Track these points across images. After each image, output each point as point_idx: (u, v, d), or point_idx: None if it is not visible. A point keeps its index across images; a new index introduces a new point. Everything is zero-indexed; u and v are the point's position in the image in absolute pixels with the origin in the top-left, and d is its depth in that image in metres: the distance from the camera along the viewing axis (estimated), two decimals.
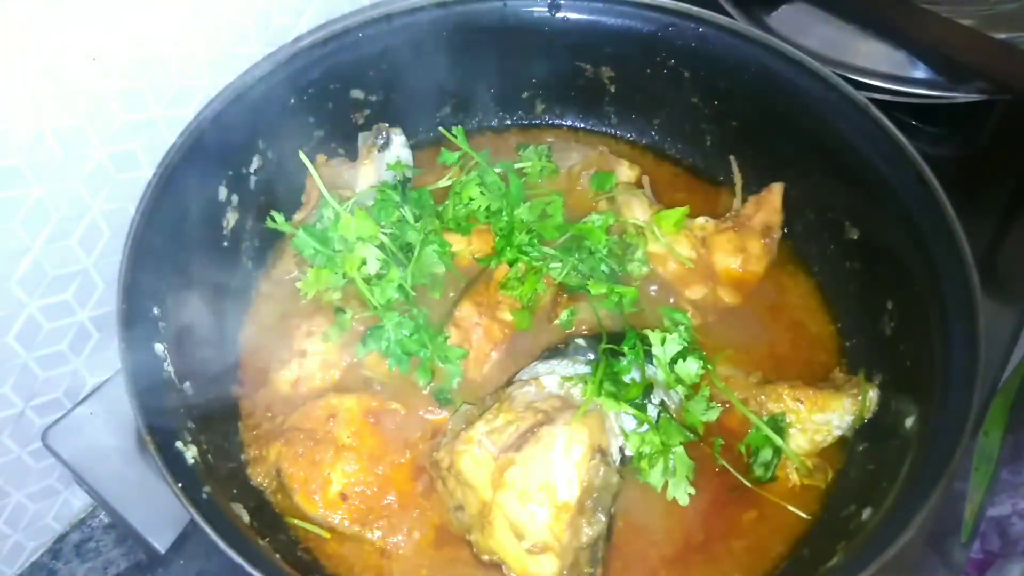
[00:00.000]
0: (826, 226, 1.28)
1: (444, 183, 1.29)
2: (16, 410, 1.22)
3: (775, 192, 1.32)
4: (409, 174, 1.29)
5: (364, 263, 1.15)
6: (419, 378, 1.14)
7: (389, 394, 1.14)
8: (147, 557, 1.21)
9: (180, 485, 0.91)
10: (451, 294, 1.23)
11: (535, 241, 1.23)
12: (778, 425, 1.08)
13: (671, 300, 1.25)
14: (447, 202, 1.26)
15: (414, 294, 1.17)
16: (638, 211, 1.29)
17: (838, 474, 1.10)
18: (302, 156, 1.22)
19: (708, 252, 1.29)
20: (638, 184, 1.36)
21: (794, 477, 1.09)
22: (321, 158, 1.33)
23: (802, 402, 1.09)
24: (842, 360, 1.22)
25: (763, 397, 1.10)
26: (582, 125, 1.49)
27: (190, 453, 0.98)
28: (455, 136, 1.27)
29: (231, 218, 1.22)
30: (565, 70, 1.41)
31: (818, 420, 1.09)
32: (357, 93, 1.33)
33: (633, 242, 1.27)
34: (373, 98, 1.35)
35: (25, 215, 1.13)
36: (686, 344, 1.10)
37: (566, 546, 0.97)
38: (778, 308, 1.27)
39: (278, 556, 0.97)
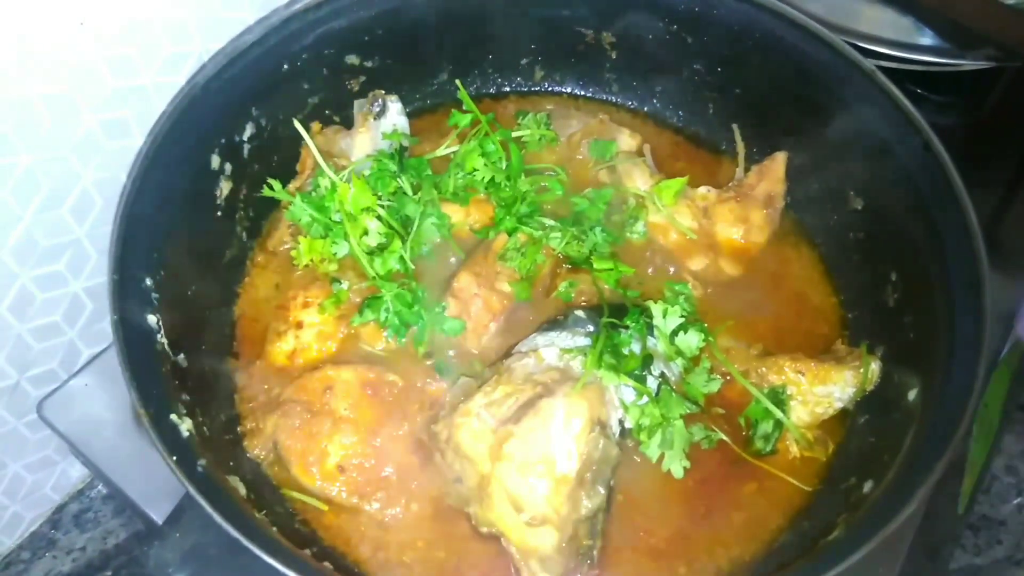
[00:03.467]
0: (829, 196, 1.26)
1: (442, 152, 1.26)
2: (11, 381, 1.21)
3: (778, 161, 1.29)
4: (406, 143, 1.26)
5: (365, 233, 1.13)
6: (416, 349, 1.12)
7: (386, 366, 1.12)
8: (145, 527, 1.21)
9: (175, 458, 0.90)
10: (451, 262, 1.21)
11: (535, 212, 1.21)
12: (778, 397, 1.07)
13: (672, 271, 1.24)
14: (447, 172, 1.24)
15: (413, 267, 1.16)
16: (639, 181, 1.27)
17: (839, 446, 1.10)
18: (296, 124, 1.19)
19: (710, 222, 1.27)
20: (639, 153, 1.34)
21: (794, 449, 1.08)
22: (316, 126, 1.30)
23: (803, 374, 1.08)
24: (844, 332, 1.21)
25: (764, 369, 1.09)
26: (582, 92, 1.46)
27: (184, 426, 0.97)
28: (466, 94, 1.24)
29: (224, 187, 1.20)
30: (565, 36, 1.38)
31: (819, 392, 1.08)
32: (352, 58, 1.30)
33: (633, 215, 1.25)
34: (368, 64, 1.32)
35: (15, 184, 1.11)
36: (687, 315, 1.08)
37: (565, 518, 0.97)
38: (780, 279, 1.26)
39: (275, 529, 0.96)
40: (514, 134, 1.29)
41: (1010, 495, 1.31)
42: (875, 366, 1.09)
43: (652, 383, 1.05)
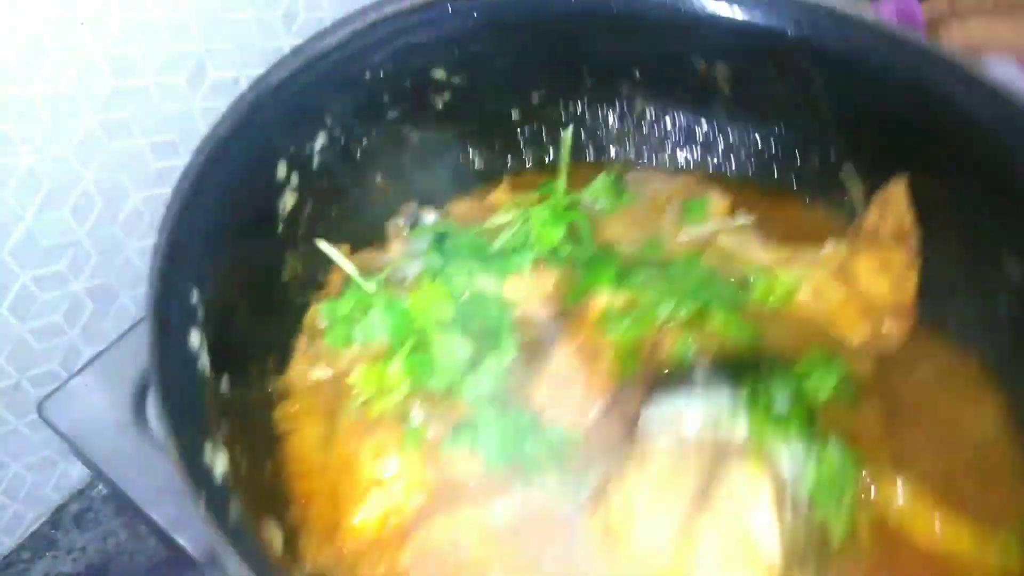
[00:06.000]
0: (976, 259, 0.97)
1: (498, 221, 1.05)
2: (11, 381, 1.21)
3: (898, 188, 1.03)
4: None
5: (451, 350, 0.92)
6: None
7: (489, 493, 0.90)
8: (146, 528, 1.21)
9: (205, 501, 0.75)
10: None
11: (637, 270, 0.99)
12: None
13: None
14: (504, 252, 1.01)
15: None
16: (756, 252, 1.04)
17: None
18: (322, 245, 1.01)
19: (852, 282, 1.01)
20: (730, 214, 1.11)
21: None
22: (344, 248, 1.07)
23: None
24: None
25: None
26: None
27: (220, 462, 0.82)
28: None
29: (289, 200, 1.04)
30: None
31: None
32: (439, 72, 1.12)
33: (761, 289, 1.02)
34: (456, 80, 1.13)
35: (16, 184, 1.09)
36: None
37: None
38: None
39: None
40: (586, 196, 1.07)
41: None
42: None
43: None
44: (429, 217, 1.11)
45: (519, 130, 1.23)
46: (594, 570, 0.84)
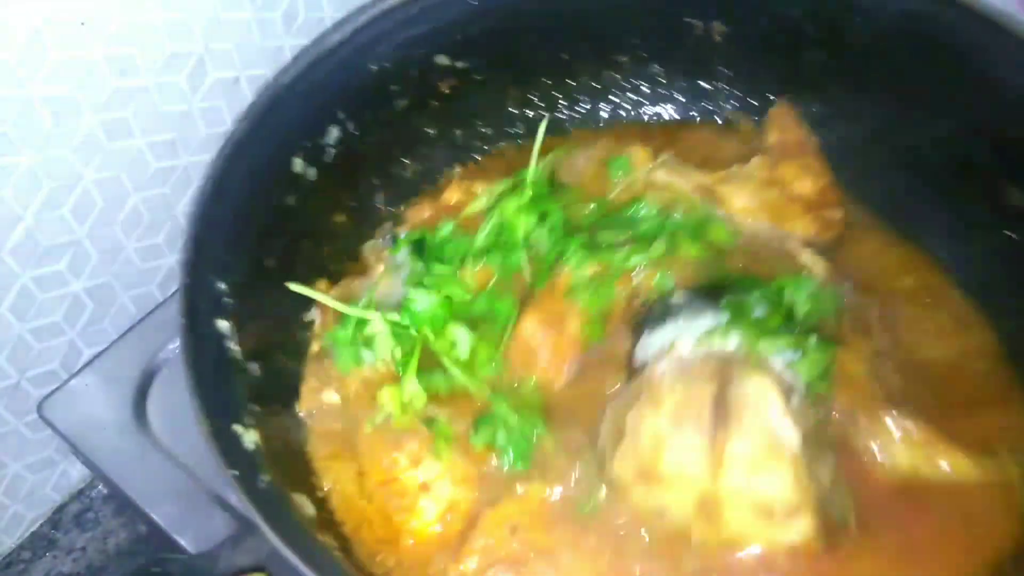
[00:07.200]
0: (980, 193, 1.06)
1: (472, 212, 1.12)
2: (12, 381, 1.21)
3: (780, 110, 1.18)
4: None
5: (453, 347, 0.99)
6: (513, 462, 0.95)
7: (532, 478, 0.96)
8: (146, 528, 1.21)
9: (236, 472, 0.83)
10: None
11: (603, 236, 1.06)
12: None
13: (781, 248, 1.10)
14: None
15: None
16: (690, 178, 1.14)
17: None
18: (295, 287, 1.05)
19: (780, 187, 1.14)
20: (652, 159, 1.19)
21: None
22: (323, 285, 1.14)
23: (911, 434, 0.93)
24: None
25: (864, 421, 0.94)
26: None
27: (249, 437, 0.92)
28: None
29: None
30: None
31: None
32: (442, 59, 1.20)
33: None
34: (460, 64, 1.22)
35: (15, 184, 1.10)
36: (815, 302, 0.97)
37: (815, 496, 0.86)
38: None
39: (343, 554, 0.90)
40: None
41: None
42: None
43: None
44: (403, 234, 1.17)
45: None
46: (643, 513, 0.91)
